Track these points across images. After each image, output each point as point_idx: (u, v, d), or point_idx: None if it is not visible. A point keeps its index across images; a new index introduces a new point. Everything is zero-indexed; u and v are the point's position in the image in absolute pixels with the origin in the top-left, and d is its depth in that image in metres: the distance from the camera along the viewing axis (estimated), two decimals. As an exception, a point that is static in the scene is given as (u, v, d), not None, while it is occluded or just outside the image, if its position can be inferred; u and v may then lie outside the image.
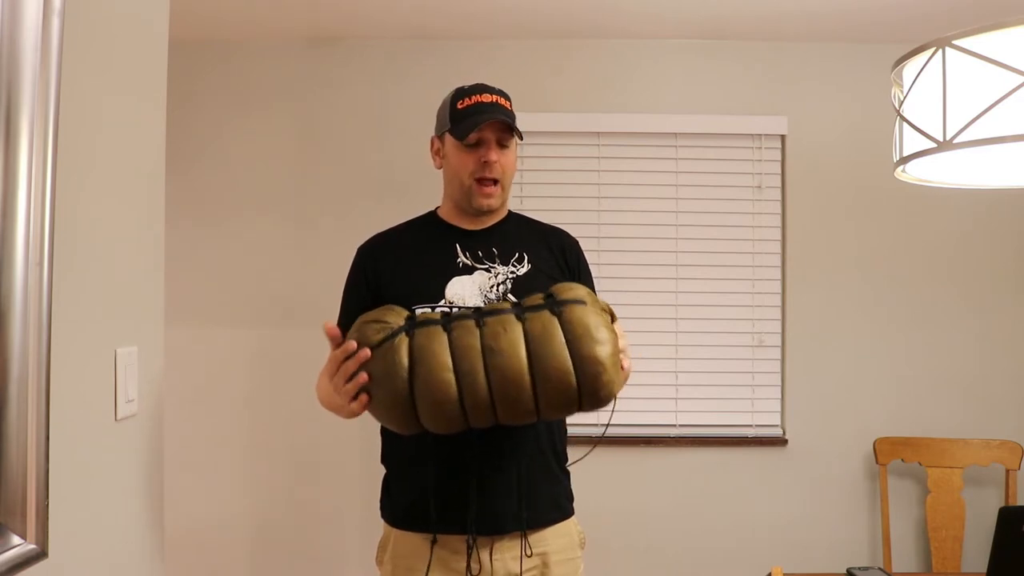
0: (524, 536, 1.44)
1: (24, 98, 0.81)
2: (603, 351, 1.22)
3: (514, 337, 1.22)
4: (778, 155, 2.73)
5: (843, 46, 2.70)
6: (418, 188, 2.61)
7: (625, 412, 2.66)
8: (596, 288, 1.60)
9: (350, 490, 2.66)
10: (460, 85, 1.54)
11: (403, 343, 1.23)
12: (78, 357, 0.99)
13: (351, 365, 1.25)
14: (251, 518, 2.69)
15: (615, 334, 1.27)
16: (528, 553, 1.44)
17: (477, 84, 1.52)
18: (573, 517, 1.56)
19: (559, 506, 1.53)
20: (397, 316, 1.29)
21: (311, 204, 2.71)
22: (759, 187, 2.72)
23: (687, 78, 2.72)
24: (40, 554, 0.84)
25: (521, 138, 1.51)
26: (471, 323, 1.25)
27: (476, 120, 1.45)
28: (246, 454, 2.69)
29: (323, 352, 1.53)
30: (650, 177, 2.72)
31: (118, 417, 1.10)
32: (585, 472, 1.72)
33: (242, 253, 2.70)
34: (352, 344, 1.25)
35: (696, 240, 2.71)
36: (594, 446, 1.55)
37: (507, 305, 1.30)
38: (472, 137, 1.46)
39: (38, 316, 0.83)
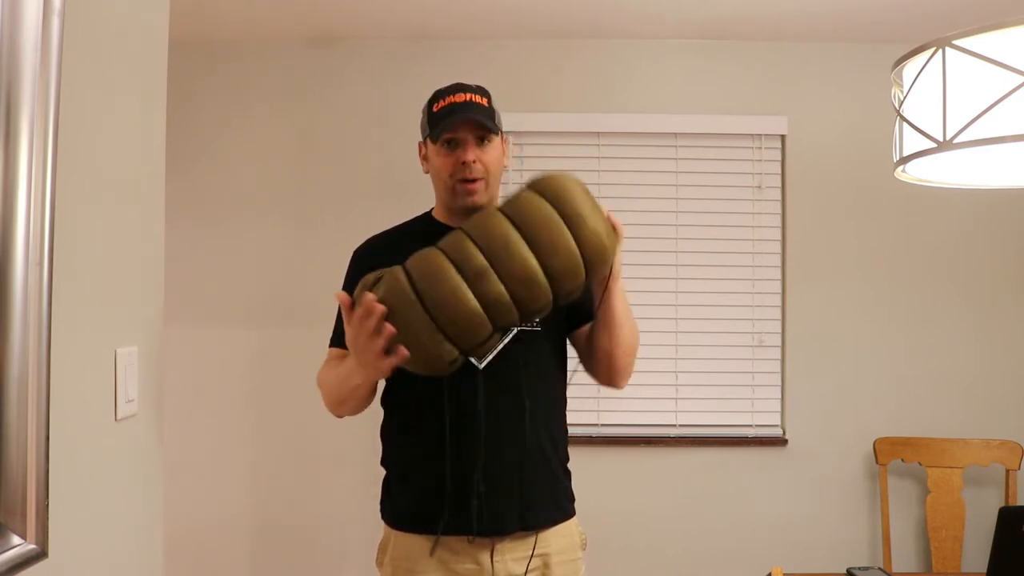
0: (536, 535, 1.45)
1: (24, 98, 0.81)
2: (576, 196, 1.27)
3: (492, 212, 1.27)
4: (778, 155, 2.73)
5: (843, 46, 2.70)
6: (418, 188, 2.59)
7: (625, 412, 2.67)
8: None
9: (350, 490, 2.66)
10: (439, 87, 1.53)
11: (399, 270, 1.26)
12: (78, 357, 0.99)
13: (373, 321, 1.22)
14: (251, 518, 2.69)
15: (586, 191, 1.31)
16: (540, 552, 1.45)
17: (453, 84, 1.51)
18: (574, 518, 1.56)
19: (560, 506, 1.53)
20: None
21: (311, 204, 2.71)
22: (759, 187, 2.72)
23: (687, 78, 2.72)
24: (40, 554, 0.84)
25: (497, 133, 1.49)
26: (455, 230, 1.30)
27: (448, 121, 1.45)
28: (246, 454, 2.69)
29: (324, 352, 1.53)
30: (650, 177, 2.72)
31: (118, 417, 1.10)
32: (585, 472, 1.72)
33: (242, 253, 2.70)
34: (370, 297, 1.23)
35: (696, 240, 2.71)
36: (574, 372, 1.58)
37: None
38: (447, 138, 1.46)
39: (38, 316, 0.83)
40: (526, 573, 1.44)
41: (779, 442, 2.68)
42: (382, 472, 1.56)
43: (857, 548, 2.67)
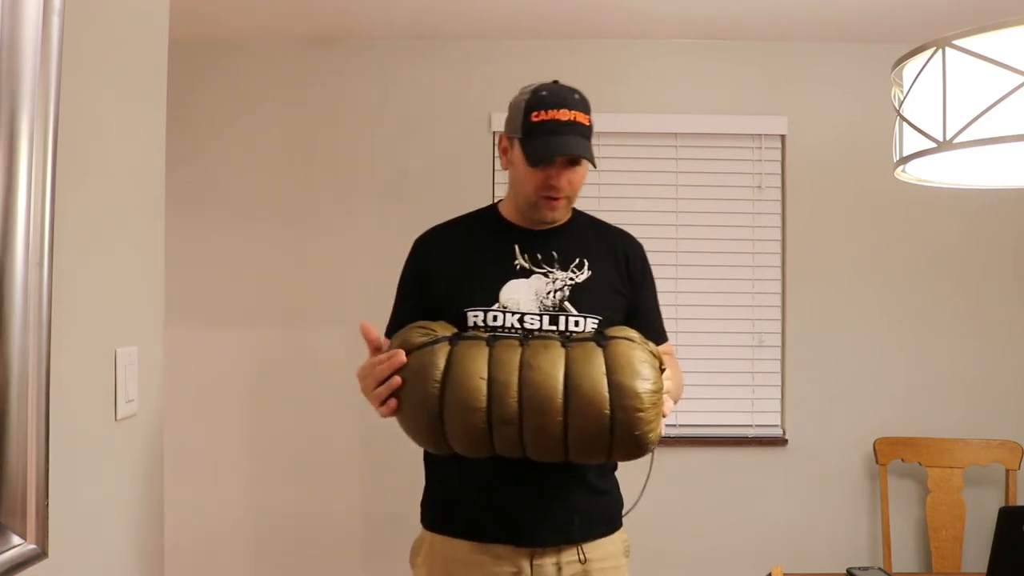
0: (578, 546, 1.42)
1: (24, 98, 0.81)
2: (643, 386, 1.17)
3: (554, 357, 1.19)
4: (778, 155, 2.73)
5: (843, 46, 2.70)
6: (418, 188, 2.61)
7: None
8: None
9: (351, 492, 2.66)
10: (538, 85, 1.42)
11: (443, 348, 1.21)
12: (78, 357, 0.99)
13: (384, 368, 1.21)
14: (251, 517, 2.69)
15: (660, 377, 1.22)
16: (581, 558, 1.43)
17: (555, 91, 1.40)
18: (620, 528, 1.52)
19: (607, 519, 1.49)
20: (445, 329, 1.27)
21: (311, 204, 2.71)
22: (759, 187, 2.72)
23: (687, 78, 2.72)
24: (40, 554, 0.84)
25: (594, 164, 1.41)
26: (514, 341, 1.23)
27: (548, 148, 1.34)
28: (246, 454, 2.69)
29: (324, 352, 1.53)
30: (650, 177, 2.72)
31: (118, 417, 1.10)
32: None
33: (242, 253, 2.70)
34: (400, 354, 1.21)
35: (696, 240, 2.71)
36: (642, 489, 1.50)
37: (555, 335, 1.30)
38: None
39: (38, 316, 0.83)
40: None
41: (779, 442, 2.67)
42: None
43: (857, 548, 2.67)
